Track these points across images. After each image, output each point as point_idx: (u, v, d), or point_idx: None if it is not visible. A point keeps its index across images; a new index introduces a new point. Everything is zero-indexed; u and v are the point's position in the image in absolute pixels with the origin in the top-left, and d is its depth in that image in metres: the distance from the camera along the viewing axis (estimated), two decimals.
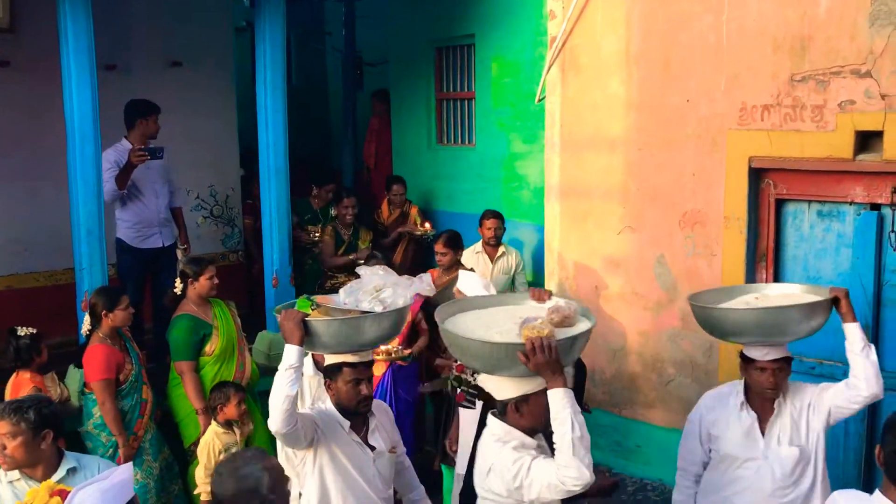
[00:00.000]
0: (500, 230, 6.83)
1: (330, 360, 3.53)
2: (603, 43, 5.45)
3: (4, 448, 3.41)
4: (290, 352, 3.29)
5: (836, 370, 4.64)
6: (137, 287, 6.26)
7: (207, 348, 5.31)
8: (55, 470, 3.50)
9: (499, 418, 3.26)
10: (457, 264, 6.09)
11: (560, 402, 3.02)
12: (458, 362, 4.68)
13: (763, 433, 3.63)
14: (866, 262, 4.53)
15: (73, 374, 5.35)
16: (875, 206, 4.49)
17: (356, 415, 3.52)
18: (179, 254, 6.36)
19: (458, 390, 4.58)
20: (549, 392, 3.05)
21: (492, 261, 6.79)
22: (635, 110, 5.32)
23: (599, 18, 5.44)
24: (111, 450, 4.94)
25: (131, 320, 5.11)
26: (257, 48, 6.27)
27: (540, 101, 5.93)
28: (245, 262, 8.34)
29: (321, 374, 4.03)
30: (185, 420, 5.34)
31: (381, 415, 3.70)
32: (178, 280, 5.40)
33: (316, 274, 7.64)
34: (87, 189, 5.37)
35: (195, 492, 5.07)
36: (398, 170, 9.17)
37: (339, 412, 3.51)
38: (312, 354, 4.36)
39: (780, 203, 4.87)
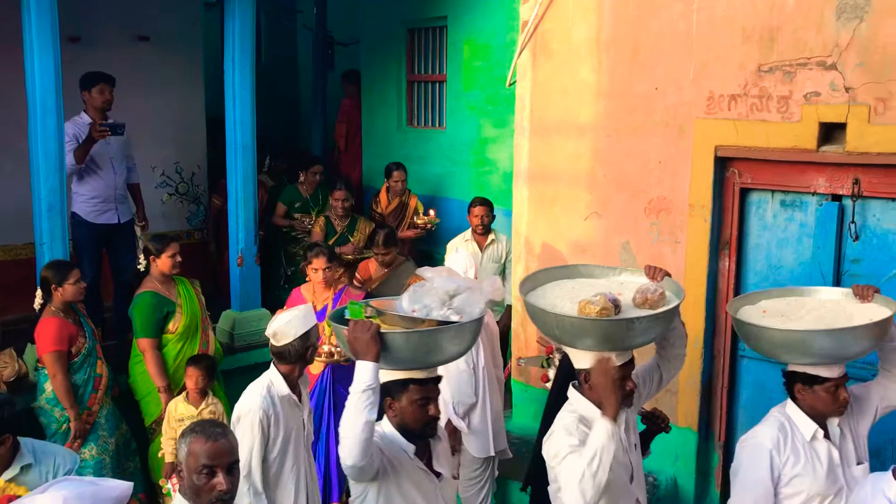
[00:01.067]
0: (487, 217, 6.71)
1: (389, 376, 3.11)
2: (574, 29, 5.45)
3: None
4: (366, 370, 2.87)
5: None
6: (93, 262, 6.19)
7: (171, 326, 5.28)
8: (8, 467, 3.44)
9: (577, 389, 3.27)
10: (398, 258, 6.23)
11: (599, 430, 2.99)
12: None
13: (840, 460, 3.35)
14: (827, 251, 4.60)
15: (32, 350, 5.28)
16: (836, 197, 4.56)
17: (421, 438, 3.16)
18: (138, 230, 6.29)
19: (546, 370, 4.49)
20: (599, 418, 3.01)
21: (481, 249, 6.72)
22: (604, 97, 5.34)
23: (571, 4, 5.43)
24: (65, 425, 4.90)
25: (83, 295, 5.04)
26: (226, 24, 6.21)
27: (510, 85, 5.92)
28: (209, 240, 8.27)
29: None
30: (146, 398, 5.31)
31: (442, 437, 3.38)
32: (141, 256, 5.35)
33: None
34: (48, 163, 5.28)
35: (159, 454, 5.06)
36: (367, 151, 9.12)
37: (403, 436, 3.11)
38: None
39: (744, 192, 4.91)
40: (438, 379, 3.17)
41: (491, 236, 6.77)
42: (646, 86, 5.12)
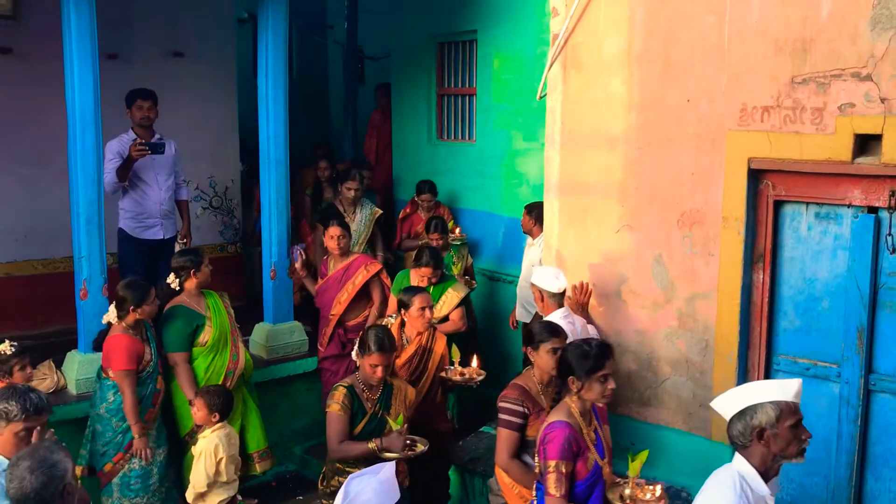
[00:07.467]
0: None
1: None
2: (605, 42, 5.45)
3: None
4: None
5: (830, 371, 4.66)
6: (138, 277, 6.24)
7: (200, 339, 5.35)
8: None
9: None
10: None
11: None
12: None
13: None
14: (863, 264, 4.54)
15: (72, 361, 5.37)
16: (872, 210, 4.51)
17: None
18: (177, 247, 6.36)
19: None
20: None
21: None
22: (636, 109, 5.33)
23: (602, 17, 5.44)
24: (119, 435, 5.01)
25: (156, 312, 5.15)
26: (259, 40, 6.29)
27: (541, 98, 5.94)
28: (243, 253, 8.34)
29: None
30: (181, 409, 5.37)
31: None
32: (172, 275, 5.40)
33: None
34: (86, 177, 5.39)
35: (188, 496, 5.04)
36: (398, 165, 9.16)
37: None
38: None
39: (778, 204, 4.87)
40: None
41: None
42: (678, 98, 5.11)
